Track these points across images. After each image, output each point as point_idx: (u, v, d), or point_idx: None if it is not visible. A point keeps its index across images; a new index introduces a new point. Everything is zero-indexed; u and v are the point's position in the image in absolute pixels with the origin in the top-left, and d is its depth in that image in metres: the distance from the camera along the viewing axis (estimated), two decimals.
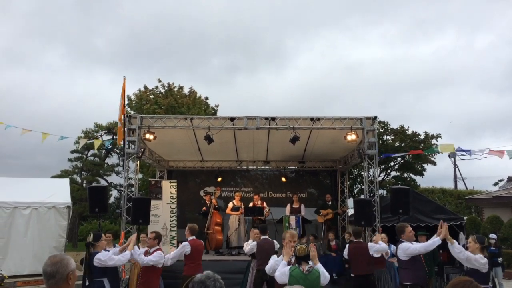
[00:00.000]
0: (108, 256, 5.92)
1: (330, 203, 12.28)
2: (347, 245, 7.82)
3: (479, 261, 5.14)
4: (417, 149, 16.49)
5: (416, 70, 52.54)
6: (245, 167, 14.59)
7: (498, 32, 50.61)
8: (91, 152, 24.79)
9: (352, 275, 7.48)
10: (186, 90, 22.55)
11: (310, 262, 4.52)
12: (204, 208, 11.61)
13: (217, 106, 23.72)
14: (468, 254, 5.26)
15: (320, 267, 4.53)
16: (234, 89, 49.52)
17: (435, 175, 44.55)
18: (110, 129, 23.31)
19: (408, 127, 19.62)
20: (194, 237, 7.13)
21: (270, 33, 58.34)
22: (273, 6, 53.49)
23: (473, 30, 54.45)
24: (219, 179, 13.86)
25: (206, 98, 23.19)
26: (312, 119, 10.02)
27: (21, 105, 39.87)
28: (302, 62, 59.43)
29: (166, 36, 51.30)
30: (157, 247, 6.51)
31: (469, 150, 12.32)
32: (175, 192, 11.76)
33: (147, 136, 9.97)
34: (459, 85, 52.04)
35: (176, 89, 22.20)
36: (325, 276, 4.45)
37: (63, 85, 47.37)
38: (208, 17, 50.91)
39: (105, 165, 25.44)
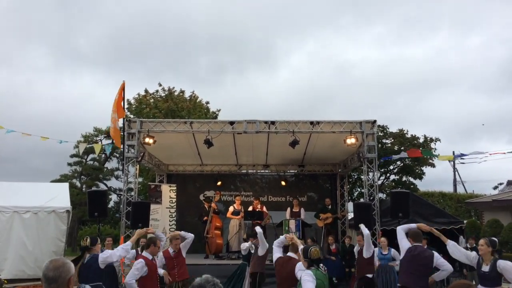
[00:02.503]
0: (110, 252, 5.65)
1: (329, 207, 12.27)
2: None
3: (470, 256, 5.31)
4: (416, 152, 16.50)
5: (411, 70, 52.43)
6: (245, 171, 14.58)
7: (492, 32, 50.64)
8: (91, 156, 24.81)
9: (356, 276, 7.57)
10: (187, 95, 22.60)
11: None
12: (206, 217, 11.59)
13: (218, 110, 23.75)
14: (462, 250, 5.47)
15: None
16: (224, 90, 49.09)
17: (434, 179, 44.31)
18: (109, 133, 23.30)
19: (407, 131, 19.67)
20: None
21: (260, 33, 58.05)
22: (264, 5, 53.26)
23: (468, 30, 54.38)
24: (219, 183, 13.86)
25: (207, 102, 23.25)
26: (311, 122, 10.04)
27: (12, 107, 39.46)
28: (295, 62, 59.12)
29: (152, 36, 50.85)
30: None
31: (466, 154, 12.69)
32: (175, 196, 11.76)
33: (147, 140, 9.97)
34: (455, 86, 51.96)
35: (176, 93, 22.24)
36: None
37: (49, 86, 46.85)
38: (195, 16, 50.71)
39: (105, 169, 25.47)
